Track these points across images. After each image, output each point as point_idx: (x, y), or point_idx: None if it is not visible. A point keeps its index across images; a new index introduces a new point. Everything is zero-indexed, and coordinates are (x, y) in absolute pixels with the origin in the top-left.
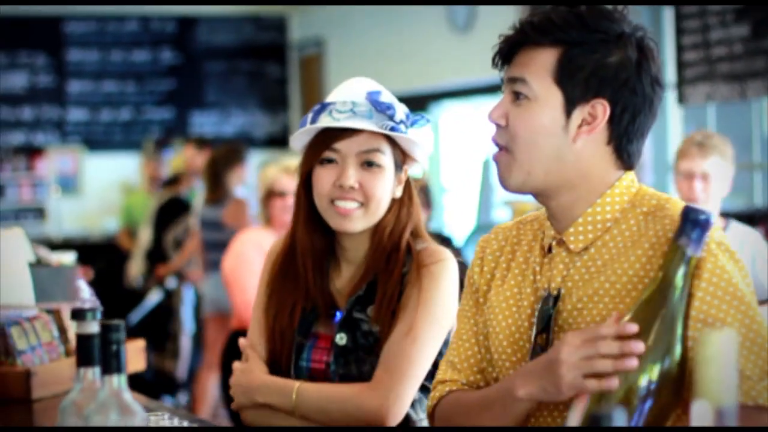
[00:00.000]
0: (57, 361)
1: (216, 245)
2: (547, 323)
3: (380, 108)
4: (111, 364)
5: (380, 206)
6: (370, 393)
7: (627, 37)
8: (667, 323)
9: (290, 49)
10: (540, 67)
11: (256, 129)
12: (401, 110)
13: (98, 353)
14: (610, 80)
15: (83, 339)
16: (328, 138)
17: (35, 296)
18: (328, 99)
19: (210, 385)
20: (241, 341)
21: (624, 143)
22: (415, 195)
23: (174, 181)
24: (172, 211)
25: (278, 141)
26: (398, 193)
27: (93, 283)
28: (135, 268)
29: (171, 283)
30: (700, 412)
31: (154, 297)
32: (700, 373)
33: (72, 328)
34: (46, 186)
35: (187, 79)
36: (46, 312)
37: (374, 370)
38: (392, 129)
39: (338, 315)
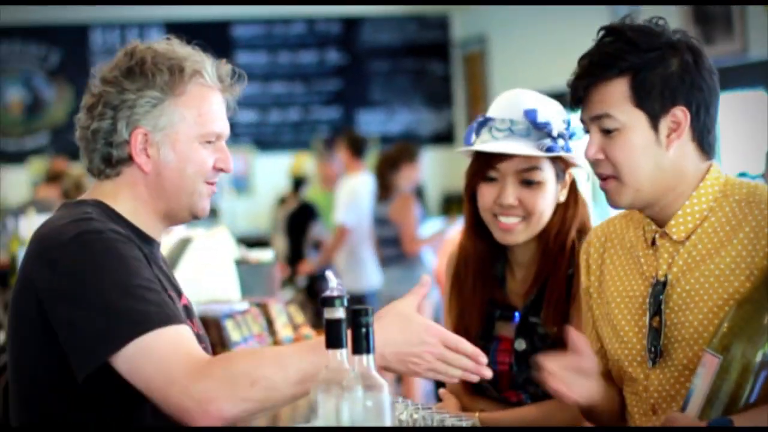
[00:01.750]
0: None
1: (386, 241)
2: (658, 307)
3: (538, 127)
4: (361, 345)
5: (542, 218)
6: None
7: (676, 44)
8: None
9: (453, 46)
10: (617, 98)
11: (421, 126)
12: (558, 124)
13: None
14: (679, 87)
15: (332, 323)
16: (488, 158)
17: (241, 291)
18: (490, 113)
19: (389, 377)
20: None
21: (705, 135)
22: (581, 195)
23: (297, 187)
24: (303, 217)
25: (444, 138)
26: (562, 198)
27: None
28: None
29: (301, 282)
30: None
31: (285, 295)
32: None
33: (278, 321)
34: (219, 187)
35: (353, 78)
36: (255, 306)
37: None
38: (548, 149)
39: (516, 316)
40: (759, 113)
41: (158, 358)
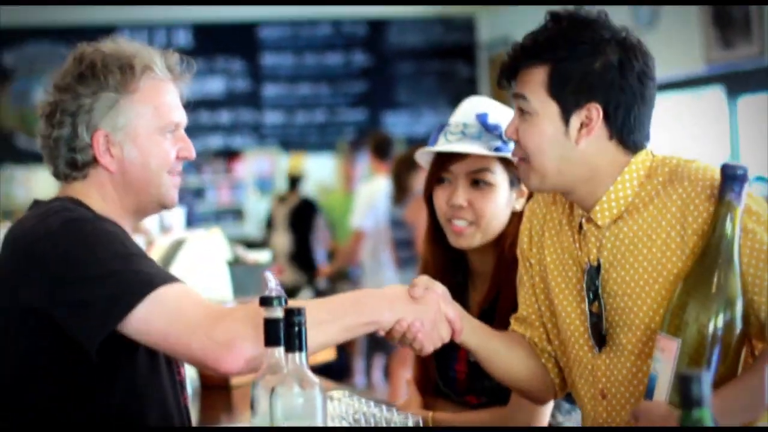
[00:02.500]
0: None
1: (401, 244)
2: (595, 292)
3: (488, 128)
4: (293, 343)
5: (492, 223)
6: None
7: (607, 42)
8: (725, 272)
9: (479, 48)
10: (535, 84)
11: None
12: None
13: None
14: (597, 84)
15: (270, 322)
16: (442, 160)
17: (233, 291)
18: (449, 119)
19: (403, 380)
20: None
21: (626, 135)
22: None
23: (294, 185)
24: (306, 212)
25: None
26: (518, 206)
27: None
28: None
29: (322, 283)
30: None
31: (304, 296)
32: None
33: None
34: (244, 188)
35: (379, 80)
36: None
37: None
38: (497, 149)
39: None
40: None
41: (174, 309)
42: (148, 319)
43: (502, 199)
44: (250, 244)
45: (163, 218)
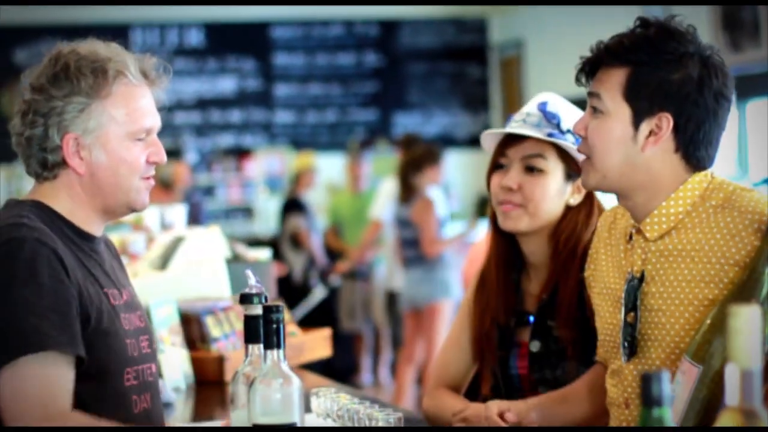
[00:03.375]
0: None
1: (407, 243)
2: (633, 303)
3: (547, 117)
4: (272, 340)
5: (540, 208)
6: None
7: (691, 56)
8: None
9: (491, 50)
10: (612, 84)
11: (457, 129)
12: (569, 121)
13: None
14: (673, 95)
15: (250, 319)
16: (501, 146)
17: (231, 290)
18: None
19: (409, 378)
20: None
21: (691, 150)
22: (599, 202)
23: (294, 182)
24: (288, 210)
25: (479, 141)
26: (573, 201)
27: (286, 279)
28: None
29: (334, 281)
30: (730, 373)
31: (318, 294)
32: (731, 342)
33: None
34: (254, 186)
35: (391, 81)
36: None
37: (567, 374)
38: (551, 135)
39: (531, 319)
40: None
41: (21, 390)
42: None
43: (553, 187)
44: (260, 243)
45: (164, 216)
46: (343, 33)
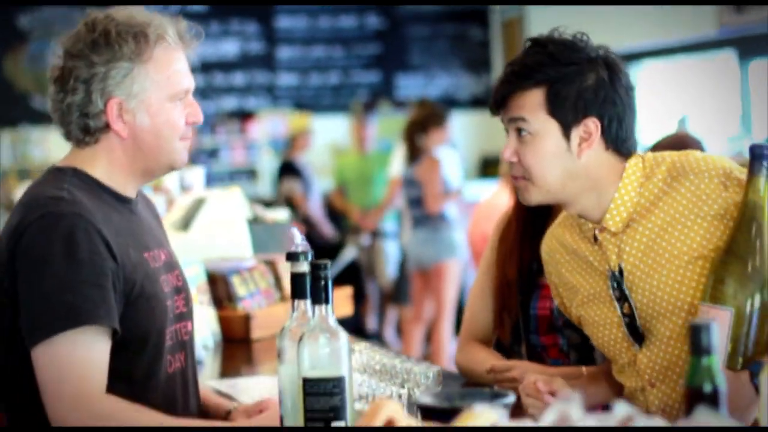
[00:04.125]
0: (273, 306)
1: (413, 202)
2: (623, 294)
3: None
4: (319, 295)
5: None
6: None
7: (594, 60)
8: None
9: (492, 12)
10: (533, 105)
11: (459, 91)
12: None
13: (309, 288)
14: (592, 100)
15: (296, 277)
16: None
17: (253, 249)
18: None
19: (418, 337)
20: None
21: (619, 143)
22: None
23: (289, 145)
24: (283, 174)
25: (482, 102)
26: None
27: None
28: None
29: (366, 240)
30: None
31: (349, 253)
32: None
33: (285, 277)
34: (257, 148)
35: (393, 43)
36: (264, 263)
37: None
38: None
39: None
40: None
41: (62, 368)
42: (44, 360)
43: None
44: (265, 203)
45: (183, 178)
46: None
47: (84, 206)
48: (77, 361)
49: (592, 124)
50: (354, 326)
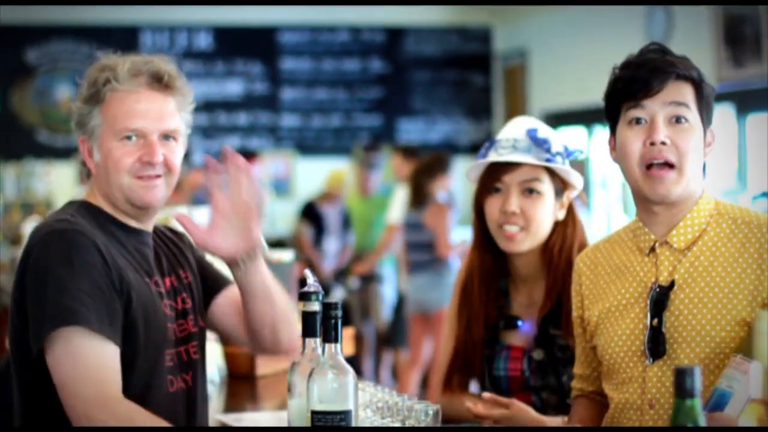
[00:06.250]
0: None
1: (418, 246)
2: (659, 309)
3: (537, 143)
4: (330, 334)
5: (541, 228)
6: None
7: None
8: None
9: (494, 59)
10: (690, 97)
11: (460, 136)
12: (558, 143)
13: (318, 327)
14: (712, 112)
15: (308, 315)
16: (495, 171)
17: None
18: (497, 137)
19: (414, 380)
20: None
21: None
22: (578, 216)
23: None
24: (302, 215)
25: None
26: (561, 216)
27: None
28: None
29: (354, 283)
30: (755, 370)
31: (336, 295)
32: (757, 342)
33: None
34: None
35: (395, 87)
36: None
37: (571, 380)
38: (548, 160)
39: (523, 325)
40: None
41: (76, 368)
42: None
43: (549, 207)
44: (268, 245)
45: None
46: (350, 39)
47: (85, 227)
48: (92, 364)
49: (710, 134)
50: (352, 367)
